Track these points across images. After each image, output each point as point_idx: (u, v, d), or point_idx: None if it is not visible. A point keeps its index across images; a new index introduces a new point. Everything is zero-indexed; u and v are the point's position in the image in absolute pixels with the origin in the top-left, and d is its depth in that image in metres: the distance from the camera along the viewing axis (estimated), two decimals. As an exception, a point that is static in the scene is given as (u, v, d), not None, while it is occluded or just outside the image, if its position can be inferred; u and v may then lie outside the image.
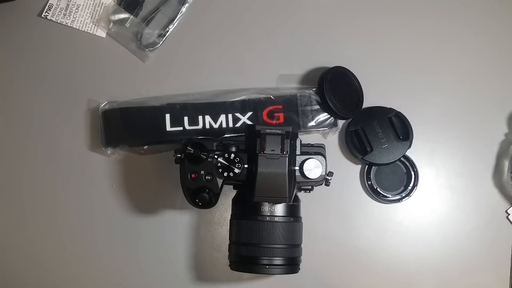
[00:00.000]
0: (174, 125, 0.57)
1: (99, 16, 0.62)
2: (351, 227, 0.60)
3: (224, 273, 0.58)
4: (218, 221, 0.60)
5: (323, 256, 0.59)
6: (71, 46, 0.62)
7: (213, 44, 0.62)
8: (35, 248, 0.59)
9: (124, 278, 0.59)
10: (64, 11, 0.62)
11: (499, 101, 0.62)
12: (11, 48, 0.62)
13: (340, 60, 0.60)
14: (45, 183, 0.60)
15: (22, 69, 0.61)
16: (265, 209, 0.50)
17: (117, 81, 0.61)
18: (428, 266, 0.59)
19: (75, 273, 0.59)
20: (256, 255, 0.49)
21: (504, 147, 0.61)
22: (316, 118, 0.59)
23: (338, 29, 0.63)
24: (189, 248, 0.59)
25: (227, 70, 0.61)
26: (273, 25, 0.63)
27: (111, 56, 0.62)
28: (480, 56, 0.63)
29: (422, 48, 0.63)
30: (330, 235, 0.59)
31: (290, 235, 0.50)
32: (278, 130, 0.48)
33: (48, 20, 0.62)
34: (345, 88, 0.59)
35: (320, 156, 0.51)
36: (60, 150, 0.60)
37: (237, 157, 0.50)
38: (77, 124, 0.60)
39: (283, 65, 0.62)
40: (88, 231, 0.59)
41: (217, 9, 0.63)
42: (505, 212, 0.60)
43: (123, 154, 0.59)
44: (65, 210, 0.59)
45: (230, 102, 0.58)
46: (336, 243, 0.59)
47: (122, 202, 0.59)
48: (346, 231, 0.60)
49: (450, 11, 0.64)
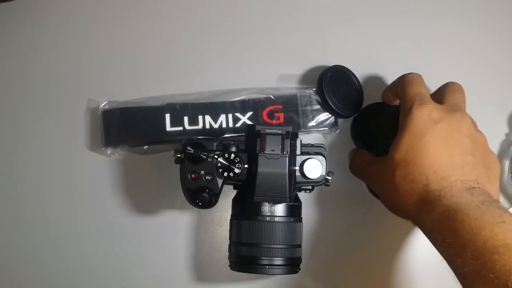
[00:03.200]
0: (174, 125, 0.57)
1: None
2: (351, 227, 0.60)
3: (224, 273, 0.58)
4: (218, 221, 0.60)
5: (323, 256, 0.59)
6: (71, 45, 0.62)
7: (213, 44, 0.62)
8: (35, 248, 0.59)
9: (124, 278, 0.59)
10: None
11: (499, 101, 0.62)
12: (11, 48, 0.62)
13: (341, 60, 0.60)
14: (45, 183, 0.60)
15: (22, 69, 0.61)
16: (265, 209, 0.50)
17: (117, 81, 0.61)
18: (429, 266, 0.59)
19: (75, 273, 0.59)
20: (256, 255, 0.49)
21: (504, 147, 0.61)
22: (316, 118, 0.59)
23: (338, 28, 0.63)
24: (189, 248, 0.59)
25: (227, 70, 0.61)
26: (273, 25, 0.63)
27: (111, 56, 0.62)
28: (480, 56, 0.63)
29: (422, 48, 0.63)
30: (330, 235, 0.59)
31: (290, 235, 0.50)
32: (278, 130, 0.49)
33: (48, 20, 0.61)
34: (345, 86, 0.59)
35: (320, 156, 0.51)
36: (60, 150, 0.60)
37: (237, 157, 0.50)
38: (77, 124, 0.60)
39: (283, 65, 0.62)
40: (88, 231, 0.59)
41: (217, 9, 0.63)
42: (505, 212, 0.60)
43: (123, 154, 0.59)
44: (65, 210, 0.59)
45: (230, 102, 0.58)
46: (336, 243, 0.59)
47: (122, 202, 0.59)
48: (346, 231, 0.59)
49: (450, 11, 0.64)
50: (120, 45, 0.62)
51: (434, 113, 0.48)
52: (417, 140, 0.47)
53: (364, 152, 0.56)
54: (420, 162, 0.46)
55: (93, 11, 0.63)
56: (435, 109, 0.48)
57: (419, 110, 0.48)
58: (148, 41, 0.62)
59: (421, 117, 0.48)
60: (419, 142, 0.47)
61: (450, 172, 0.46)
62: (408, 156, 0.47)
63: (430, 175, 0.46)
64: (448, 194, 0.45)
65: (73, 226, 0.59)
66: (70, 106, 0.61)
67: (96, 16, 0.63)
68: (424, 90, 0.51)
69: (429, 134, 0.47)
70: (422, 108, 0.48)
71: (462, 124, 0.48)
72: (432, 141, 0.47)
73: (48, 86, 0.61)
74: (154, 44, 0.62)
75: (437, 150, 0.47)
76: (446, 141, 0.47)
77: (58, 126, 0.60)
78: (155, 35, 0.62)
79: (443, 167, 0.46)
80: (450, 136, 0.47)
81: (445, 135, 0.47)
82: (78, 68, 0.61)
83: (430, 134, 0.47)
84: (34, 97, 0.61)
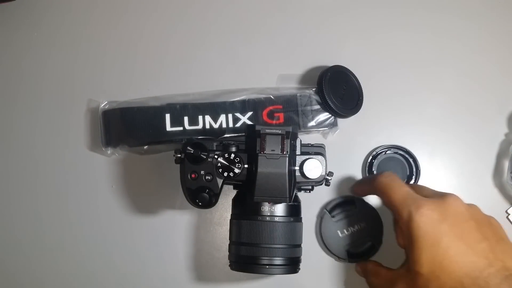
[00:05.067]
0: (174, 125, 0.57)
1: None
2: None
3: (224, 273, 0.58)
4: (218, 221, 0.60)
5: (323, 256, 0.59)
6: (71, 45, 0.62)
7: (213, 44, 0.62)
8: (34, 248, 0.59)
9: (124, 278, 0.59)
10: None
11: (499, 101, 0.62)
12: (11, 48, 0.62)
13: (341, 60, 0.60)
14: (45, 183, 0.60)
15: (22, 69, 0.61)
16: (265, 209, 0.50)
17: (117, 81, 0.61)
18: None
19: (75, 273, 0.59)
20: (256, 255, 0.49)
21: (504, 147, 0.61)
22: (316, 118, 0.59)
23: (338, 28, 0.63)
24: (189, 248, 0.59)
25: (227, 70, 0.61)
26: (273, 24, 0.63)
27: (111, 56, 0.62)
28: (480, 56, 0.63)
29: (422, 48, 0.63)
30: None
31: (290, 235, 0.50)
32: (278, 130, 0.48)
33: (47, 20, 0.62)
34: (345, 86, 0.59)
35: (320, 156, 0.51)
36: (60, 150, 0.60)
37: (237, 157, 0.50)
38: (77, 124, 0.60)
39: (283, 65, 0.62)
40: (88, 231, 0.59)
41: (217, 8, 0.63)
42: (505, 212, 0.60)
43: (123, 154, 0.59)
44: (65, 210, 0.59)
45: (230, 102, 0.58)
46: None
47: (122, 202, 0.59)
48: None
49: (450, 11, 0.64)
50: (120, 45, 0.62)
51: (434, 211, 0.47)
52: (436, 249, 0.46)
53: (377, 269, 0.54)
54: (450, 271, 0.45)
55: (93, 11, 0.63)
56: (431, 206, 0.47)
57: (420, 215, 0.47)
58: (148, 41, 0.62)
59: (426, 221, 0.46)
60: (439, 250, 0.46)
61: (479, 268, 0.45)
62: (435, 267, 0.46)
63: (464, 280, 0.45)
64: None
65: (73, 226, 0.59)
66: (70, 106, 0.61)
67: (96, 16, 0.63)
68: (406, 188, 0.50)
69: (443, 237, 0.46)
70: (422, 212, 0.47)
71: (460, 209, 0.48)
72: (449, 244, 0.46)
73: (48, 86, 0.61)
74: (154, 44, 0.62)
75: (458, 251, 0.46)
76: (461, 237, 0.46)
77: (58, 126, 0.60)
78: (155, 35, 0.62)
79: (471, 266, 0.45)
80: (461, 229, 0.47)
81: (456, 231, 0.46)
82: (78, 68, 0.61)
83: (444, 236, 0.46)
84: (34, 97, 0.61)
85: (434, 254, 0.46)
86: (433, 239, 0.46)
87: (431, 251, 0.46)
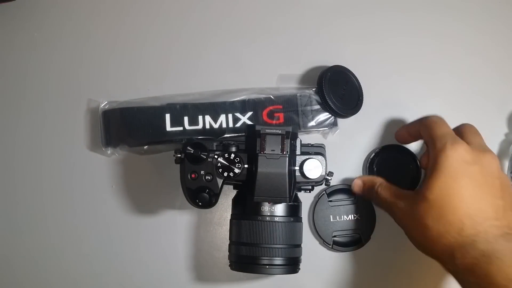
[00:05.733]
0: (174, 125, 0.57)
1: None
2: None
3: (224, 273, 0.58)
4: (218, 221, 0.60)
5: (323, 256, 0.59)
6: (72, 46, 0.62)
7: (213, 44, 0.62)
8: (34, 248, 0.59)
9: (124, 278, 0.59)
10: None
11: (499, 101, 0.62)
12: (11, 48, 0.62)
13: (341, 60, 0.60)
14: (45, 183, 0.60)
15: (22, 70, 0.61)
16: (265, 209, 0.50)
17: (117, 81, 0.61)
18: (429, 265, 0.59)
19: (75, 273, 0.59)
20: (256, 255, 0.49)
21: (504, 147, 0.61)
22: (316, 118, 0.59)
23: (338, 28, 0.63)
24: (189, 248, 0.59)
25: (227, 70, 0.61)
26: (273, 25, 0.63)
27: (111, 56, 0.62)
28: (480, 56, 0.63)
29: (422, 48, 0.63)
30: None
31: (290, 235, 0.50)
32: (278, 130, 0.49)
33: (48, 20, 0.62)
34: (345, 86, 0.59)
35: (320, 156, 0.51)
36: (60, 150, 0.60)
37: (237, 157, 0.50)
38: (77, 124, 0.60)
39: (283, 65, 0.62)
40: (88, 231, 0.59)
41: (217, 9, 0.63)
42: (505, 212, 0.60)
43: (123, 154, 0.59)
44: (65, 210, 0.59)
45: (230, 102, 0.58)
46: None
47: (122, 202, 0.59)
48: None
49: (450, 11, 0.64)
50: (120, 45, 0.62)
51: (468, 153, 0.47)
52: (453, 182, 0.46)
53: (391, 186, 0.54)
54: (456, 206, 0.46)
55: (93, 11, 0.63)
56: (468, 149, 0.48)
57: (453, 150, 0.47)
58: (148, 41, 0.62)
59: (456, 157, 0.47)
60: (455, 184, 0.46)
61: (485, 217, 0.46)
62: (443, 198, 0.46)
63: (465, 220, 0.46)
64: (483, 239, 0.45)
65: (73, 226, 0.59)
66: (70, 106, 0.61)
67: (96, 16, 0.63)
68: (452, 131, 0.51)
69: (465, 176, 0.47)
70: (456, 148, 0.47)
71: (493, 166, 0.48)
72: (467, 184, 0.46)
73: (49, 86, 0.61)
74: (154, 44, 0.62)
75: (472, 194, 0.46)
76: (481, 185, 0.47)
77: (58, 126, 0.60)
78: (155, 35, 0.62)
79: (478, 212, 0.46)
80: (484, 180, 0.47)
81: (480, 178, 0.47)
82: (78, 68, 0.61)
83: (466, 176, 0.47)
84: (35, 97, 0.61)
85: (449, 186, 0.46)
86: (454, 174, 0.47)
87: (446, 182, 0.47)
